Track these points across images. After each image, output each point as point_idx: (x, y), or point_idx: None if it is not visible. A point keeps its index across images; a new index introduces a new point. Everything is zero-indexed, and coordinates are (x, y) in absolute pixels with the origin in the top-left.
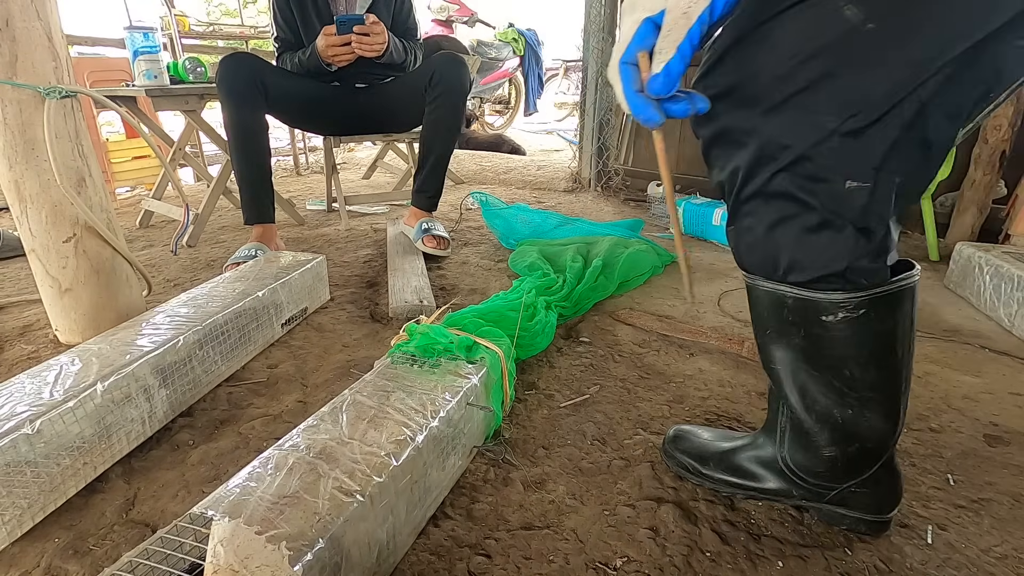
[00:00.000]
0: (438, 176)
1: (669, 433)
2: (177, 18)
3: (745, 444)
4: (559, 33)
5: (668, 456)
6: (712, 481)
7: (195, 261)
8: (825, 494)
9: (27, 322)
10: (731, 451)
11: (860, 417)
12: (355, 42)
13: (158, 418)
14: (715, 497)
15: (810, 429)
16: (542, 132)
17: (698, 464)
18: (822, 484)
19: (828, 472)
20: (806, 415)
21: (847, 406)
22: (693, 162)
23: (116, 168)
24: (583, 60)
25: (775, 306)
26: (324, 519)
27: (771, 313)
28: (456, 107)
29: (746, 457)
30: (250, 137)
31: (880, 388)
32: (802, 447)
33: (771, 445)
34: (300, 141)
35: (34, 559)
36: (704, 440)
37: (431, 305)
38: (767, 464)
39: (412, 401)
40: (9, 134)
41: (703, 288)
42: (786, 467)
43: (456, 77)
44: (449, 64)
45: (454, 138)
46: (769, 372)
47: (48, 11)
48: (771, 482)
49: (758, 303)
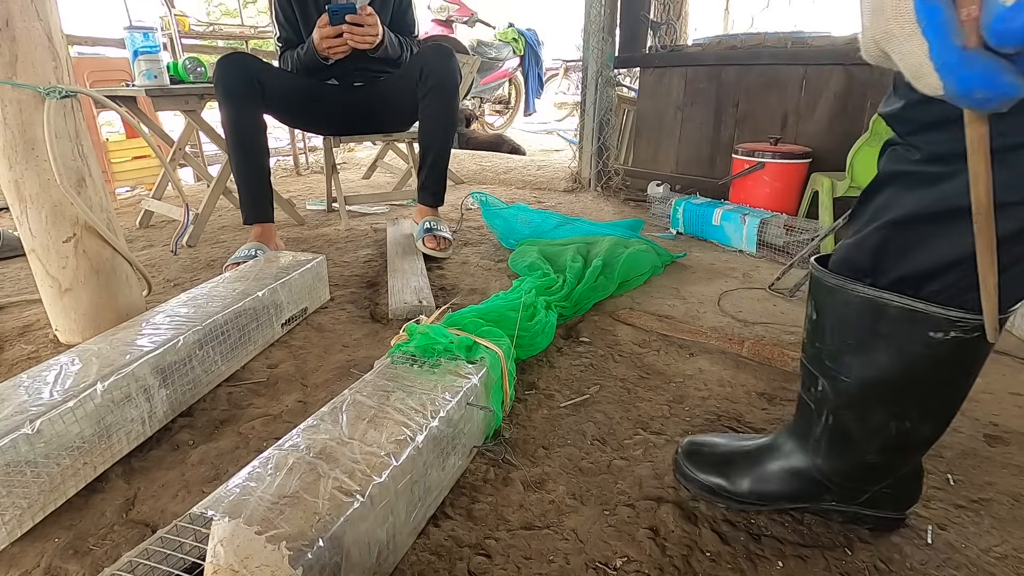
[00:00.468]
0: (440, 171)
1: (680, 451)
2: (177, 18)
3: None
4: (559, 33)
5: (687, 478)
6: (739, 502)
7: (195, 261)
8: (859, 496)
9: (27, 322)
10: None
11: (917, 427)
12: (347, 32)
13: (158, 418)
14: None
15: (859, 439)
16: (542, 132)
17: (724, 481)
18: (858, 487)
19: (866, 476)
20: (859, 426)
21: (908, 419)
22: (693, 162)
23: (116, 168)
24: (583, 60)
25: (868, 315)
26: (324, 519)
27: (859, 322)
28: (449, 100)
29: (775, 470)
30: (248, 137)
31: (952, 404)
32: (842, 455)
33: (802, 453)
34: (300, 141)
35: (34, 559)
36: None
37: (430, 305)
38: (798, 473)
39: (412, 401)
40: (9, 134)
41: (703, 288)
42: (820, 474)
43: (445, 69)
44: (437, 57)
45: (452, 131)
46: (830, 381)
47: (48, 11)
48: (804, 493)
49: (842, 309)
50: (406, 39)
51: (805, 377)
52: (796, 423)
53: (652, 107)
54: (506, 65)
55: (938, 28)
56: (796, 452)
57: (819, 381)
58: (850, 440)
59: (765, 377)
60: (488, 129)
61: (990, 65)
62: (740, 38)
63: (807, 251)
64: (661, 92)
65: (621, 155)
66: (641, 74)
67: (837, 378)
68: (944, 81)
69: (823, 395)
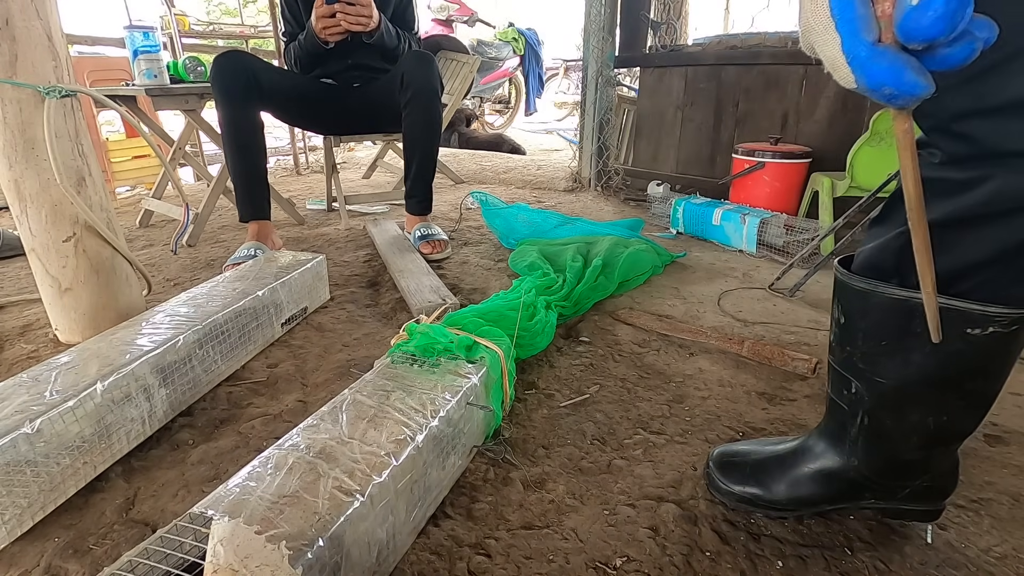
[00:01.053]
0: (425, 179)
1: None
2: (177, 17)
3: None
4: (559, 33)
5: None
6: (779, 510)
7: (195, 260)
8: (899, 492)
9: (27, 322)
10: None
11: (956, 421)
12: (340, 12)
13: (158, 417)
14: (715, 496)
15: (897, 437)
16: (542, 132)
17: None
18: (897, 484)
19: (906, 472)
20: (897, 424)
21: (947, 414)
22: (693, 162)
23: (116, 167)
24: (583, 60)
25: (902, 316)
26: (324, 519)
27: (894, 323)
28: (428, 107)
29: (810, 473)
30: (244, 135)
31: (990, 395)
32: (880, 454)
33: (836, 454)
34: (300, 141)
35: (34, 558)
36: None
37: (455, 302)
38: (835, 475)
39: (412, 401)
40: (9, 133)
41: (703, 288)
42: (858, 474)
43: (423, 77)
44: (416, 64)
45: (435, 138)
46: (864, 383)
47: (48, 10)
48: (842, 494)
49: (873, 311)
50: (406, 34)
51: (836, 380)
52: (827, 425)
53: (652, 107)
54: (506, 65)
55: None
56: (829, 453)
57: (852, 384)
58: (888, 439)
59: (765, 377)
60: (488, 129)
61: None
62: (740, 38)
63: (807, 251)
64: (661, 92)
65: (621, 155)
66: (641, 74)
67: (872, 380)
68: (855, 75)
69: (857, 397)
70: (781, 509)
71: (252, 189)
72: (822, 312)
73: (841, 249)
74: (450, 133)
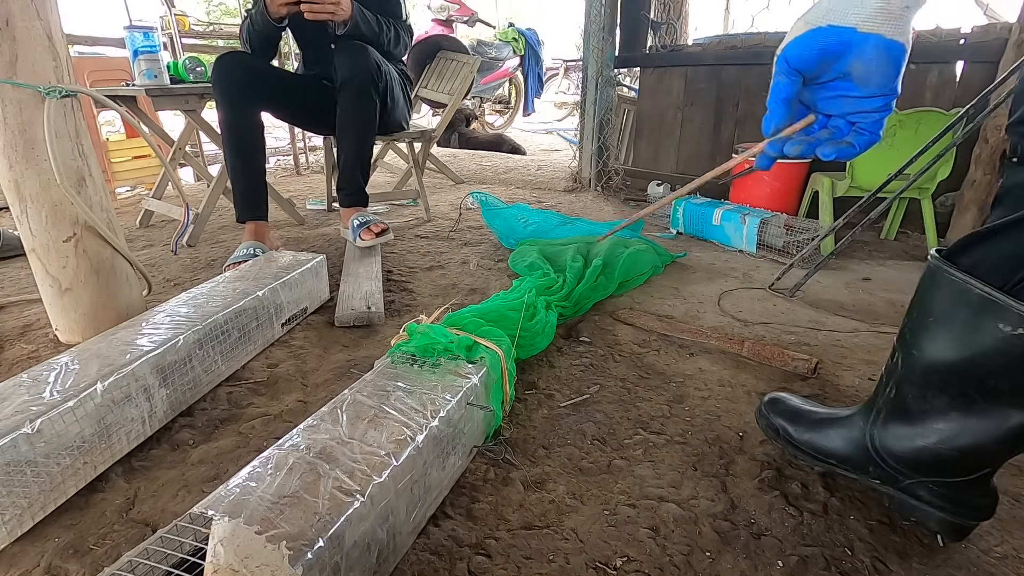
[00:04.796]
0: (355, 172)
1: (766, 397)
2: (177, 18)
3: (839, 419)
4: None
5: (762, 416)
6: (795, 447)
7: (195, 261)
8: (900, 481)
9: (27, 322)
10: (823, 421)
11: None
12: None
13: (158, 418)
14: (715, 496)
15: (917, 417)
16: (542, 132)
17: (789, 427)
18: (900, 471)
19: (911, 461)
20: (917, 404)
21: (965, 411)
22: (693, 162)
23: (116, 168)
24: (583, 60)
25: (953, 298)
26: (324, 519)
27: (944, 303)
28: (357, 95)
29: (835, 432)
30: (244, 136)
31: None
32: (896, 432)
33: (862, 420)
34: (300, 141)
35: (34, 558)
36: (797, 406)
37: (379, 312)
38: (853, 440)
39: (412, 401)
40: (9, 134)
41: (703, 288)
42: (871, 445)
43: (351, 66)
44: (346, 55)
45: (365, 129)
46: (906, 354)
47: (48, 11)
48: (852, 457)
49: (933, 287)
50: (391, 21)
51: (891, 351)
52: (871, 397)
53: (652, 107)
54: (506, 65)
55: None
56: (859, 421)
57: (896, 353)
58: (908, 416)
59: (765, 377)
60: (488, 129)
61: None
62: (740, 38)
63: (807, 251)
64: (661, 92)
65: (621, 155)
66: (641, 74)
67: (910, 351)
68: None
69: (895, 366)
70: (796, 448)
71: (251, 190)
72: (822, 312)
73: (841, 249)
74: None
